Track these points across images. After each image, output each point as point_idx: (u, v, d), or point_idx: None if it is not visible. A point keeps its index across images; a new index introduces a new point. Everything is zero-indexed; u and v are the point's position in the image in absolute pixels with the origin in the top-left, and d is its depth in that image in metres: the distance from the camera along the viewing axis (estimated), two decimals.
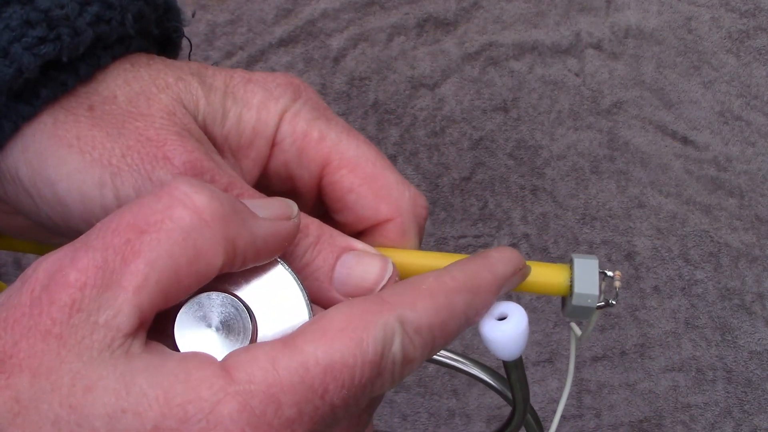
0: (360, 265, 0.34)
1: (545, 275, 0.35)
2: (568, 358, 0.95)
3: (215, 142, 0.36)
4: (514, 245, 0.98)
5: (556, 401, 0.94)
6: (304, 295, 0.32)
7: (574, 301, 0.34)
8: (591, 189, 1.00)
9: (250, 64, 1.02)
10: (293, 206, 0.32)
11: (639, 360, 0.95)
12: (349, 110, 1.02)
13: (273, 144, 0.36)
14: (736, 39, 1.04)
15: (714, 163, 1.01)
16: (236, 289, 0.31)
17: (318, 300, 0.34)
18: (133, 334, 0.27)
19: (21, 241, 0.42)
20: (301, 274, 0.34)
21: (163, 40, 0.39)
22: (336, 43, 1.03)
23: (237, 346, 0.30)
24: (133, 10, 0.35)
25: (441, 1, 1.05)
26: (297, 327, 0.31)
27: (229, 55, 1.03)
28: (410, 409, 0.93)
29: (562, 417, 0.94)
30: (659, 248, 0.98)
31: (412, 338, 0.30)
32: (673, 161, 1.01)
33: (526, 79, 1.03)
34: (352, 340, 0.29)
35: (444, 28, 1.05)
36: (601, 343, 0.95)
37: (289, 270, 0.32)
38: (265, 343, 0.29)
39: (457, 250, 0.98)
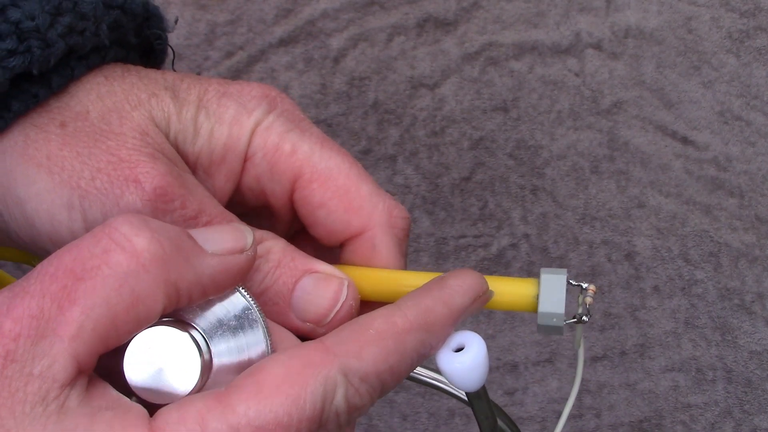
0: (317, 289, 0.34)
1: (510, 293, 0.34)
2: (568, 357, 0.95)
3: (187, 159, 0.35)
4: (514, 245, 0.98)
5: (557, 401, 0.94)
6: (262, 325, 0.31)
7: (539, 320, 0.33)
8: (591, 189, 1.00)
9: (250, 64, 1.02)
10: (248, 236, 0.32)
11: (639, 360, 0.95)
12: (349, 110, 1.02)
13: (245, 159, 0.36)
14: (736, 39, 1.04)
15: (714, 163, 1.01)
16: (192, 318, 0.31)
17: (280, 324, 0.34)
18: (70, 383, 0.27)
19: (7, 248, 0.41)
20: (261, 298, 0.33)
21: (146, 47, 0.38)
22: (336, 43, 1.04)
23: (186, 381, 0.29)
24: (108, 19, 0.35)
25: (441, 1, 1.05)
26: (254, 358, 0.31)
27: (229, 55, 1.03)
28: (410, 409, 0.93)
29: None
30: (659, 248, 0.98)
31: (357, 388, 0.29)
32: (673, 161, 1.01)
33: (526, 79, 1.03)
34: (289, 398, 0.28)
35: (444, 28, 1.05)
36: (601, 343, 0.95)
37: (248, 298, 0.31)
38: (198, 399, 0.28)
39: (457, 250, 0.98)
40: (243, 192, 0.37)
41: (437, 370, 0.41)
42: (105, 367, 0.29)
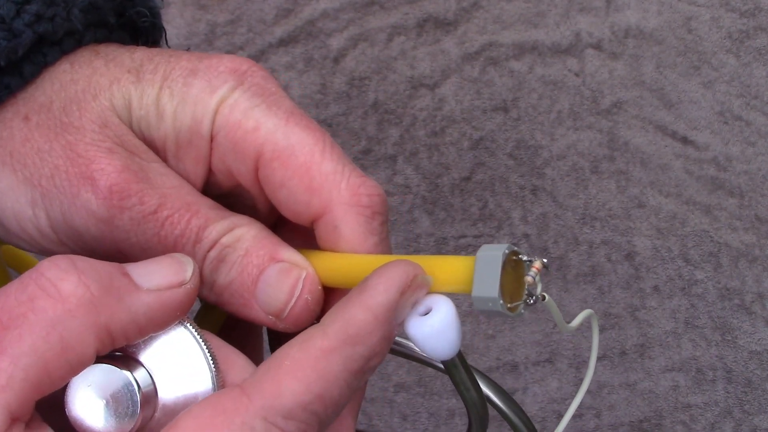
0: (277, 281, 0.32)
1: (445, 277, 0.30)
2: (568, 358, 0.95)
3: (154, 144, 0.34)
4: (514, 245, 0.98)
5: (556, 401, 0.94)
6: (207, 358, 0.30)
7: (475, 306, 0.29)
8: (591, 189, 1.00)
9: None
10: (188, 268, 0.30)
11: (639, 360, 0.95)
12: (349, 110, 1.02)
13: (211, 139, 0.34)
14: (736, 39, 1.05)
15: (714, 163, 1.01)
16: (137, 353, 0.30)
17: (246, 316, 0.33)
18: None
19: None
20: (228, 290, 0.32)
21: (132, 25, 0.37)
22: (336, 43, 1.04)
23: (125, 419, 0.29)
24: (81, 3, 0.34)
25: (441, 1, 1.05)
26: (200, 392, 0.30)
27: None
28: (410, 409, 0.93)
29: (562, 417, 0.94)
30: (659, 248, 0.98)
31: (284, 428, 0.27)
32: (673, 161, 1.01)
33: (526, 79, 1.03)
34: None
35: (444, 28, 1.05)
36: (601, 343, 0.95)
37: (193, 331, 0.30)
38: None
39: (457, 250, 0.98)
40: (215, 174, 0.35)
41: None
42: (53, 400, 0.29)
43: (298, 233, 0.35)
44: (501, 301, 0.29)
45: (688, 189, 1.00)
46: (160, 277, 0.30)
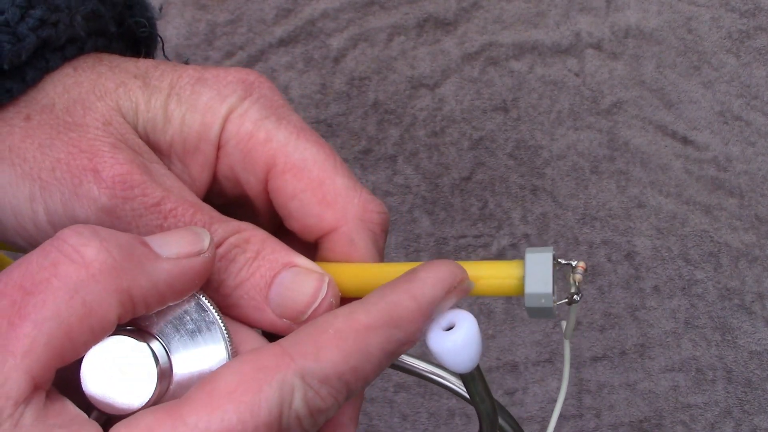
0: (295, 284, 0.32)
1: (494, 277, 0.32)
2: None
3: (160, 149, 0.34)
4: (514, 245, 0.98)
5: (556, 401, 0.94)
6: (222, 332, 0.30)
7: (527, 303, 0.31)
8: (591, 189, 1.00)
9: (249, 64, 1.02)
10: (205, 238, 0.31)
11: (639, 360, 0.95)
12: (349, 110, 1.02)
13: (218, 147, 0.34)
14: (736, 39, 1.04)
15: (714, 163, 1.01)
16: (152, 326, 0.30)
17: (255, 320, 0.33)
18: (25, 400, 0.26)
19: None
20: (237, 291, 0.32)
21: (132, 36, 0.38)
22: (336, 43, 1.04)
23: (142, 392, 0.29)
24: (84, 10, 0.34)
25: (441, 1, 1.05)
26: (215, 367, 0.30)
27: (229, 55, 1.03)
28: (410, 409, 0.93)
29: (562, 416, 0.94)
30: (659, 248, 0.98)
31: (317, 390, 0.28)
32: (673, 161, 1.01)
33: (526, 79, 1.03)
34: (242, 405, 0.27)
35: (444, 28, 1.05)
36: (601, 343, 0.95)
37: (208, 304, 0.31)
38: (149, 413, 0.27)
39: (457, 250, 0.98)
40: (220, 181, 0.35)
41: (437, 365, 0.40)
42: (68, 379, 0.29)
43: (295, 248, 0.35)
44: (554, 297, 0.31)
45: (688, 189, 1.00)
46: (179, 246, 0.30)
